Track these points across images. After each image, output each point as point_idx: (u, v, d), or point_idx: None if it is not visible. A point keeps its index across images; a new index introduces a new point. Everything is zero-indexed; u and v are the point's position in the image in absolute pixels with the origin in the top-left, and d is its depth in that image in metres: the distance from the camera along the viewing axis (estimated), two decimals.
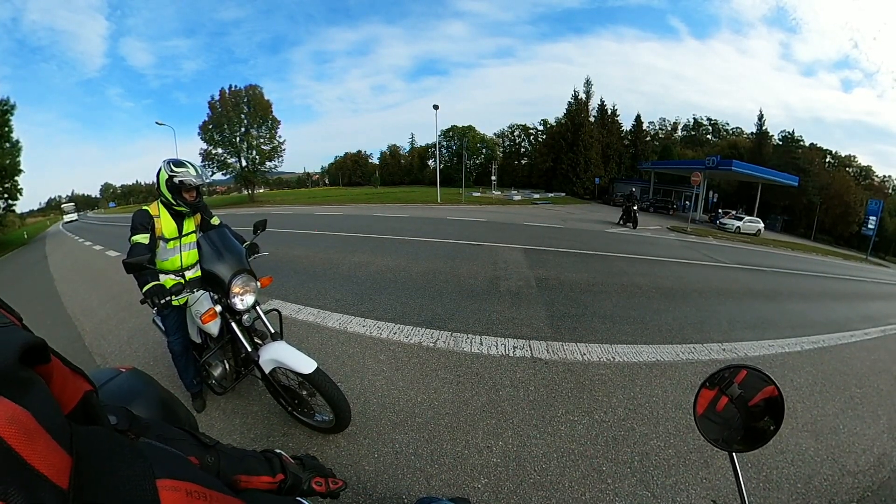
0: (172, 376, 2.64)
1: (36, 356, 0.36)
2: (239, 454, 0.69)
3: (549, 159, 47.43)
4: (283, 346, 2.08)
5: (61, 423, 0.33)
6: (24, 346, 0.34)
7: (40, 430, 0.30)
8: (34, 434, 0.29)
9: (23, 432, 0.28)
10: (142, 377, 1.01)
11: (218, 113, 43.44)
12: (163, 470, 0.38)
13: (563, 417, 2.54)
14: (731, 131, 55.42)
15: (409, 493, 1.90)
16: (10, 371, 0.31)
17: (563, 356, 3.39)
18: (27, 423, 0.29)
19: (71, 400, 0.44)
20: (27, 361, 0.34)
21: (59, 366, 0.43)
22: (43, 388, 0.35)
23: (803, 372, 3.57)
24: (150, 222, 2.26)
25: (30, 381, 0.33)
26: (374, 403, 2.63)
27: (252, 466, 0.69)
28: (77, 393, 0.45)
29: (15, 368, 0.32)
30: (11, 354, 0.32)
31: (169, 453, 0.46)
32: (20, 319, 0.42)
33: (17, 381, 0.31)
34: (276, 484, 0.72)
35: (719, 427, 0.82)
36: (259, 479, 0.69)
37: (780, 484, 2.10)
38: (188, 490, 0.39)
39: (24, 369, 0.33)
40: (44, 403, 0.32)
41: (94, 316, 4.89)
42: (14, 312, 0.43)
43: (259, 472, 0.70)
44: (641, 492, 1.96)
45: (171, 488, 0.37)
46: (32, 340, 0.36)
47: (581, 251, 9.00)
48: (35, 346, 0.36)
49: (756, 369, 0.79)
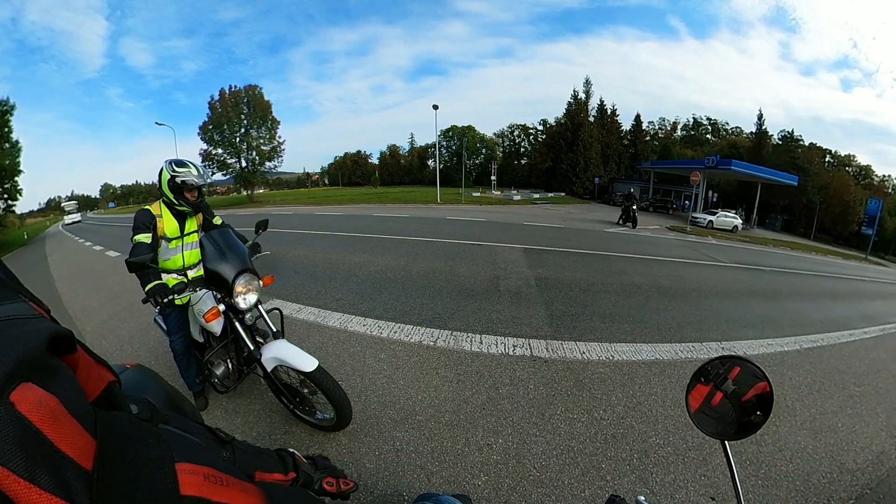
0: (174, 376, 2.65)
1: (63, 346, 0.38)
2: (254, 451, 0.70)
3: (548, 159, 47.40)
4: (285, 344, 2.09)
5: (86, 409, 0.34)
6: (51, 336, 0.35)
7: (66, 414, 0.31)
8: (60, 418, 0.30)
9: (50, 416, 0.30)
10: (147, 373, 1.02)
11: (218, 113, 43.43)
12: (182, 454, 0.40)
13: (562, 415, 2.55)
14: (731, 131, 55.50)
15: (409, 490, 1.91)
16: (38, 359, 0.32)
17: (562, 355, 3.40)
18: (54, 408, 0.30)
19: (95, 388, 0.45)
20: (55, 350, 0.35)
21: (85, 356, 0.44)
22: (69, 375, 0.36)
23: (802, 370, 3.58)
24: (152, 222, 2.27)
25: (57, 368, 0.34)
26: (375, 401, 2.65)
27: (266, 464, 0.71)
28: (101, 382, 0.47)
29: (43, 356, 0.33)
30: (40, 343, 0.33)
31: (187, 440, 0.47)
32: (48, 312, 0.44)
33: (45, 369, 0.33)
34: (288, 482, 0.73)
35: (715, 421, 0.84)
36: (272, 476, 0.70)
37: (778, 482, 2.12)
38: (206, 474, 0.40)
39: (52, 357, 0.34)
40: (70, 390, 0.34)
41: (94, 316, 4.90)
42: (43, 305, 0.45)
43: (273, 470, 0.71)
44: (640, 488, 1.98)
45: (190, 472, 0.39)
46: (60, 331, 0.37)
47: (580, 251, 9.01)
48: (62, 336, 0.37)
49: (749, 362, 0.81)
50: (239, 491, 0.43)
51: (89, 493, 0.30)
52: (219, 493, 0.40)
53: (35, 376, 0.31)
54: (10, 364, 0.29)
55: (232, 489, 0.42)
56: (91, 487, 0.30)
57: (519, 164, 62.57)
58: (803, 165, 38.13)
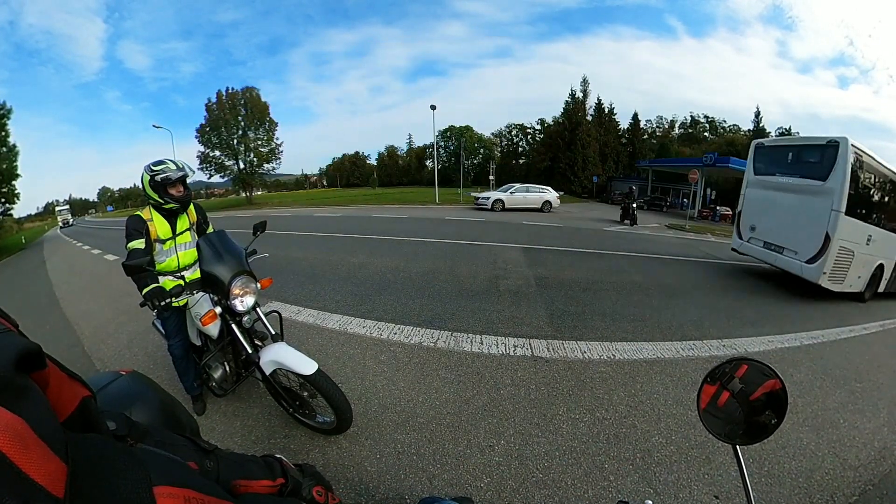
0: (172, 380, 2.64)
1: (32, 362, 0.36)
2: (238, 459, 0.69)
3: (546, 158, 47.39)
4: (284, 347, 2.08)
5: (56, 431, 0.33)
6: (20, 353, 0.33)
7: (35, 438, 0.29)
8: (29, 442, 0.29)
9: (17, 441, 0.28)
10: (142, 380, 1.01)
11: (215, 115, 43.31)
12: (160, 477, 0.38)
13: (564, 415, 2.54)
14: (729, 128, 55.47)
15: (411, 493, 1.90)
16: (5, 378, 0.31)
17: (563, 354, 3.39)
18: (22, 432, 0.28)
19: (68, 406, 0.43)
20: (23, 368, 0.34)
21: (56, 371, 0.42)
22: (38, 395, 0.34)
23: (803, 367, 3.57)
24: (143, 226, 2.27)
25: (25, 388, 0.33)
26: (376, 404, 2.63)
27: (251, 471, 0.69)
28: (74, 399, 0.44)
29: (10, 375, 0.31)
30: (7, 361, 0.32)
31: (168, 459, 0.46)
32: (16, 326, 0.42)
33: (13, 389, 0.31)
34: (276, 487, 0.72)
35: (721, 422, 0.83)
36: (259, 483, 0.69)
37: (782, 479, 2.11)
38: (186, 497, 0.39)
39: (20, 376, 0.33)
40: (39, 411, 0.32)
41: (93, 320, 4.87)
42: (10, 319, 0.42)
43: (259, 477, 0.70)
44: (644, 489, 1.97)
45: (169, 495, 0.37)
46: (28, 346, 0.35)
47: (580, 249, 9.01)
48: (31, 353, 0.35)
49: (758, 362, 0.80)
50: None
51: None
52: None
53: (1, 397, 0.29)
54: None
55: None
56: None
57: (517, 164, 62.51)
58: None
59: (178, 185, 2.30)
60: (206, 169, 43.41)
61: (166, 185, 2.25)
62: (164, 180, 2.24)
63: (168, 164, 2.29)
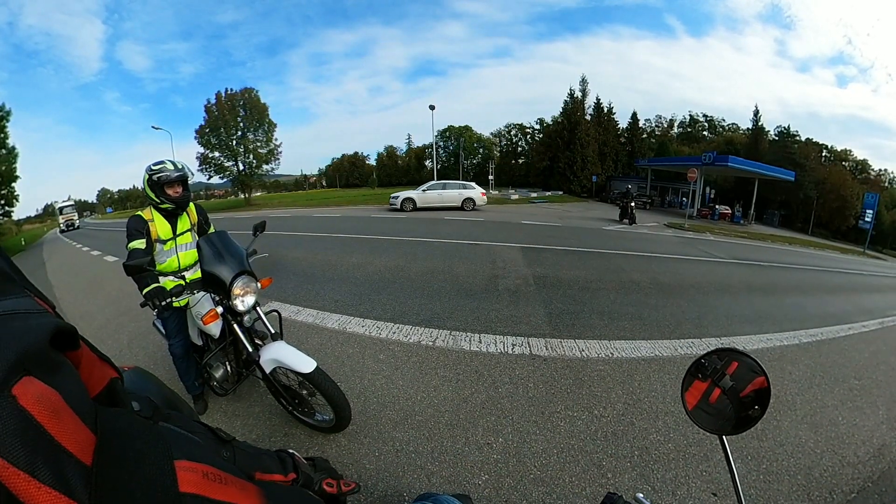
0: (173, 379, 2.64)
1: (66, 341, 0.38)
2: (254, 452, 0.70)
3: (545, 158, 47.35)
4: (284, 346, 2.09)
5: (87, 404, 0.35)
6: (54, 331, 0.35)
7: (67, 409, 0.31)
8: (61, 412, 0.31)
9: (51, 410, 0.30)
10: (145, 375, 1.01)
11: (214, 116, 43.28)
12: (181, 452, 0.40)
13: (562, 413, 2.55)
14: (727, 127, 55.43)
15: (409, 490, 1.91)
16: (41, 353, 0.33)
17: (561, 353, 3.40)
18: (55, 402, 0.31)
19: (98, 385, 0.45)
20: (58, 346, 0.36)
21: (88, 352, 0.44)
22: (71, 370, 0.36)
23: (802, 365, 3.58)
24: (144, 227, 2.28)
25: (59, 363, 0.35)
26: (374, 402, 2.64)
27: (266, 464, 0.71)
28: (103, 379, 0.47)
29: (46, 351, 0.33)
30: (43, 338, 0.33)
31: (187, 438, 0.48)
32: (53, 307, 0.44)
33: (48, 363, 0.33)
34: (288, 482, 0.73)
35: (713, 418, 0.84)
36: (272, 477, 0.70)
37: (780, 476, 2.12)
38: (205, 472, 0.40)
39: (55, 352, 0.35)
40: (72, 385, 0.34)
41: (93, 321, 4.88)
42: (48, 301, 0.45)
43: (273, 471, 0.71)
44: (642, 486, 1.97)
45: (189, 469, 0.39)
46: (63, 326, 0.37)
47: (578, 249, 9.01)
48: (66, 332, 0.38)
49: (746, 355, 0.81)
50: (238, 489, 0.43)
51: (88, 488, 0.30)
52: (217, 490, 0.40)
53: (37, 370, 0.31)
54: (12, 357, 0.30)
55: (230, 487, 0.42)
56: (90, 483, 0.30)
57: (516, 164, 62.52)
58: (800, 161, 38.17)
59: (175, 185, 2.31)
60: (206, 170, 43.40)
61: (164, 184, 2.27)
62: (160, 180, 2.26)
63: (167, 165, 2.31)
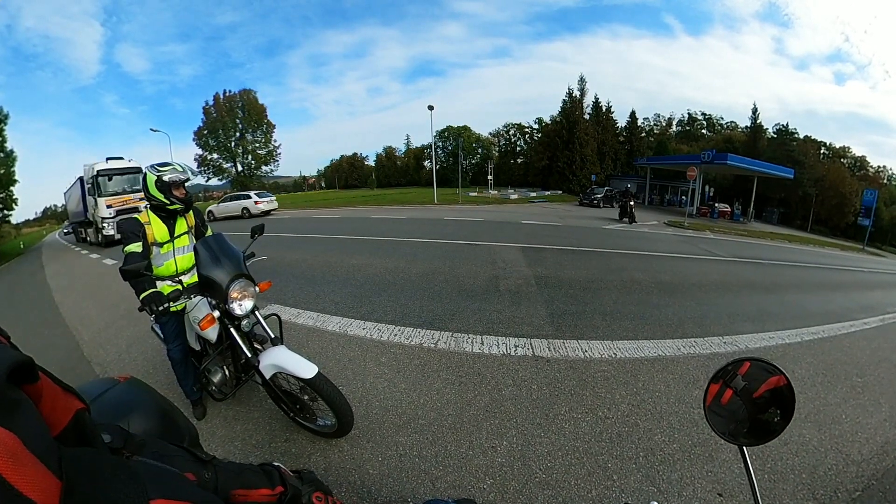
0: (172, 384, 2.62)
1: (24, 375, 0.35)
2: (236, 468, 0.68)
3: (544, 157, 47.37)
4: (284, 350, 2.06)
5: (49, 446, 0.32)
6: (11, 366, 0.32)
7: (27, 453, 0.29)
8: (21, 457, 0.28)
9: (9, 456, 0.27)
10: (140, 387, 1.00)
11: (212, 118, 43.32)
12: (157, 490, 0.37)
13: (566, 415, 2.53)
14: (726, 125, 55.45)
15: (414, 495, 1.89)
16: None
17: (564, 354, 3.38)
18: (13, 447, 0.28)
19: (62, 419, 0.42)
20: (15, 381, 0.33)
21: (49, 384, 0.41)
22: (31, 408, 0.33)
23: (804, 363, 3.57)
24: (140, 230, 2.26)
25: (17, 402, 0.32)
26: (377, 406, 2.62)
27: (250, 480, 0.69)
28: (68, 412, 0.44)
29: (2, 389, 0.31)
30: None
31: (164, 471, 0.45)
32: (8, 338, 0.41)
33: (5, 403, 0.30)
34: (275, 496, 0.71)
35: (725, 420, 0.82)
36: (258, 492, 0.68)
37: (785, 475, 2.10)
38: None
39: (12, 389, 0.32)
40: (31, 425, 0.31)
41: (92, 325, 4.85)
42: (2, 331, 0.42)
43: (257, 486, 0.69)
44: (647, 487, 1.96)
45: None
46: (20, 359, 0.35)
47: (579, 248, 9.01)
48: (23, 365, 0.35)
49: (762, 360, 0.79)
50: None
51: None
52: None
53: None
54: None
55: None
56: None
57: (515, 163, 62.49)
58: (799, 158, 38.21)
59: (181, 187, 2.32)
60: (205, 172, 43.43)
61: (171, 186, 2.26)
62: (171, 180, 2.26)
63: (174, 166, 2.32)
